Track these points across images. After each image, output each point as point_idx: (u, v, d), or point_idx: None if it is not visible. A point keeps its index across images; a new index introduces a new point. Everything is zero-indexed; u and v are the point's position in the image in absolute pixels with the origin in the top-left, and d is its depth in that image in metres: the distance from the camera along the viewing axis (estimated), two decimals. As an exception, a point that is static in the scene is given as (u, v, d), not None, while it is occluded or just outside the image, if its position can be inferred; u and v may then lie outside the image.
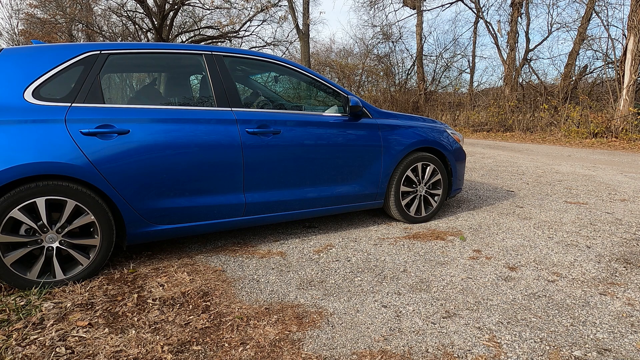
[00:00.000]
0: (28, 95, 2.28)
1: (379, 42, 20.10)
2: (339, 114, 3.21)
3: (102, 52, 2.51)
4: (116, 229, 2.51)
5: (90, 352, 1.70)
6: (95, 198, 2.35)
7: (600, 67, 14.05)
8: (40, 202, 2.19)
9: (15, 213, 2.14)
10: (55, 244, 2.28)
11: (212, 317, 1.99)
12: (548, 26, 17.98)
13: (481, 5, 16.83)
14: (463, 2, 17.19)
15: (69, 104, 2.35)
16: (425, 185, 3.58)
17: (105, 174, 2.34)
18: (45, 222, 2.23)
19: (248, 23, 21.62)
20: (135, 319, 1.96)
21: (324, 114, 3.21)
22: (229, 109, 2.76)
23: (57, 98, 2.35)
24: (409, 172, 3.46)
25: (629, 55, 11.04)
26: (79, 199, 2.29)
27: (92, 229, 2.39)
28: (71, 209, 2.29)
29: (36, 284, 2.23)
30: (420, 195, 3.58)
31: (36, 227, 2.21)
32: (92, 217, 2.35)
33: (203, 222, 2.71)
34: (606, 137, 10.95)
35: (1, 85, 2.26)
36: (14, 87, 2.27)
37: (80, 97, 2.38)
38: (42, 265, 2.26)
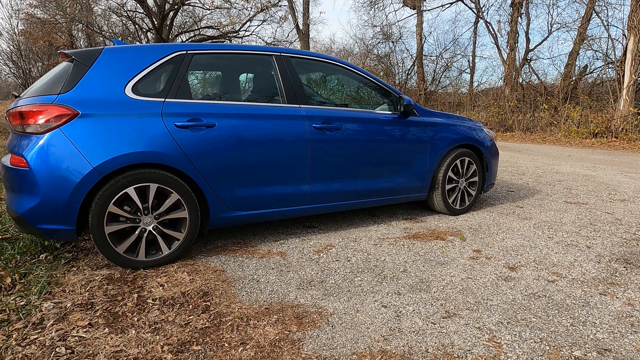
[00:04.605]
0: (128, 91, 2.50)
1: (379, 42, 20.10)
2: (390, 112, 3.45)
3: (188, 52, 2.74)
4: (201, 216, 2.72)
5: (90, 352, 1.70)
6: (187, 187, 2.57)
7: (600, 67, 14.05)
8: (153, 188, 2.47)
9: (131, 191, 2.41)
10: (149, 227, 2.52)
11: (212, 317, 1.99)
12: (548, 26, 17.98)
13: (481, 5, 16.83)
14: (463, 2, 17.18)
15: (163, 99, 2.57)
16: (464, 180, 3.83)
17: (195, 164, 2.57)
18: (150, 206, 2.49)
19: (248, 23, 21.62)
20: (135, 319, 1.96)
21: (377, 111, 3.44)
22: (298, 105, 2.99)
23: (153, 93, 2.57)
24: (451, 167, 3.69)
25: (629, 55, 11.04)
26: (180, 193, 2.54)
27: (181, 221, 2.62)
28: (174, 200, 2.54)
29: (120, 259, 2.46)
30: (461, 188, 3.82)
31: (141, 208, 2.46)
32: (185, 213, 2.58)
33: (275, 209, 2.95)
34: (606, 137, 10.95)
35: (106, 82, 2.47)
36: (117, 84, 2.49)
37: (172, 92, 2.61)
38: (129, 243, 2.48)
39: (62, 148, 2.28)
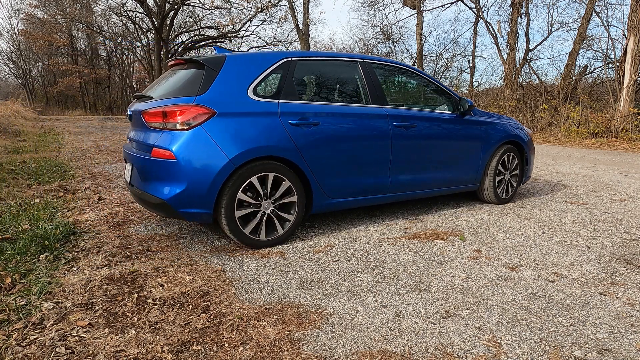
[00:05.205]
0: (250, 93, 2.85)
1: (379, 42, 20.12)
2: (449, 112, 3.86)
3: (293, 59, 3.11)
4: (305, 204, 3.11)
5: (90, 352, 1.70)
6: (297, 177, 2.95)
7: (600, 67, 14.06)
8: (270, 177, 2.84)
9: (254, 179, 2.78)
10: (268, 211, 2.89)
11: (212, 317, 1.99)
12: (548, 26, 17.99)
13: (481, 5, 16.83)
14: (463, 2, 17.19)
15: (277, 100, 2.93)
16: (509, 173, 4.25)
17: (305, 157, 2.96)
18: (268, 193, 2.86)
19: (248, 23, 21.64)
20: (135, 319, 1.96)
21: (440, 111, 3.84)
22: (381, 106, 3.39)
23: (268, 95, 2.94)
24: (500, 161, 4.10)
25: (629, 55, 11.04)
26: (292, 181, 2.92)
27: (291, 209, 3.00)
28: (285, 187, 2.91)
29: (247, 239, 2.83)
30: (507, 180, 4.25)
31: (262, 194, 2.84)
32: (295, 198, 2.96)
33: (361, 197, 3.34)
34: (606, 137, 10.95)
35: (233, 85, 2.82)
36: (241, 86, 2.84)
37: (283, 94, 2.98)
38: (255, 221, 2.84)
39: (204, 143, 2.64)
